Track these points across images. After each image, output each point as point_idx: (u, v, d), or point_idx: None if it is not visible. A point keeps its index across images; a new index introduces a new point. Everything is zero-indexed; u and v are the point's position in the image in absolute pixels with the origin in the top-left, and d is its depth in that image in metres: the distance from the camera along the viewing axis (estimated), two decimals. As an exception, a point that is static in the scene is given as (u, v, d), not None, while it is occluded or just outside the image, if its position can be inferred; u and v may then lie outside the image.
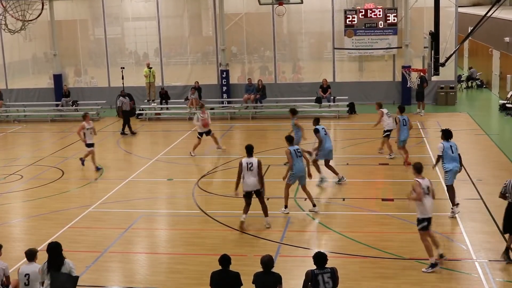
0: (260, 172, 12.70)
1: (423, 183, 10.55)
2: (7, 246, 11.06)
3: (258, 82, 26.68)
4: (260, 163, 12.71)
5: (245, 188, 12.76)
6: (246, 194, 12.83)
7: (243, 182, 12.75)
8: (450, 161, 13.00)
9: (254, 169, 12.61)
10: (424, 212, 10.56)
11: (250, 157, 12.75)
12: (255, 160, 12.70)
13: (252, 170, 12.61)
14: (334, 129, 23.01)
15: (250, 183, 12.68)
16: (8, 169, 18.86)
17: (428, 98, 26.16)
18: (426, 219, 10.58)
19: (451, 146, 13.10)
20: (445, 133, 13.33)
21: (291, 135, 14.56)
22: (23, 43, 30.71)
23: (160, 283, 10.66)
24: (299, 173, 13.53)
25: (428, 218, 10.60)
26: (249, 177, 12.64)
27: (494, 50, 29.09)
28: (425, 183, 10.58)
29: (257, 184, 12.69)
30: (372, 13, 25.85)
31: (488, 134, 20.78)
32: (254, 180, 12.64)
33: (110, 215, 14.34)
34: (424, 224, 10.59)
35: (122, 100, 23.19)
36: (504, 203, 10.95)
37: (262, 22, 28.58)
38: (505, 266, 10.70)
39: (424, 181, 10.59)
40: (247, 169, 12.62)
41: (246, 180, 12.68)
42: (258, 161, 12.73)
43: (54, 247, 8.62)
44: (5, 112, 28.29)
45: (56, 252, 8.60)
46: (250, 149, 12.86)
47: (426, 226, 10.62)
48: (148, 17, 29.70)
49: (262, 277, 8.35)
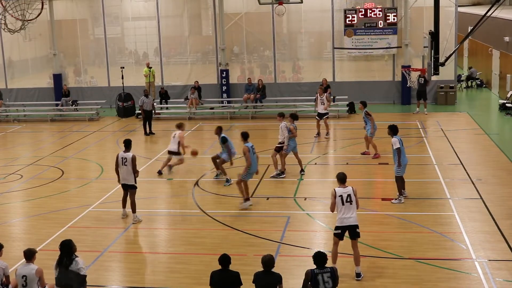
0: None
1: (340, 192, 10.36)
2: (7, 245, 11.04)
3: (258, 81, 26.69)
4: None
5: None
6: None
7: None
8: (403, 154, 13.85)
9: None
10: (338, 221, 10.38)
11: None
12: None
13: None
14: (334, 128, 23.01)
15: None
16: (8, 169, 18.86)
17: (428, 97, 26.15)
18: (339, 227, 10.38)
19: (401, 140, 13.91)
20: (393, 129, 14.11)
21: (246, 131, 14.81)
22: (23, 43, 30.73)
23: (160, 282, 10.66)
24: (253, 169, 14.28)
25: (341, 227, 10.33)
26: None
27: (494, 50, 29.10)
28: (346, 191, 10.35)
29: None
30: (372, 13, 25.87)
31: (488, 133, 20.78)
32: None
33: (110, 214, 14.34)
34: (337, 231, 10.41)
35: (144, 99, 23.17)
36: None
37: (262, 21, 28.59)
38: (505, 265, 10.70)
39: (344, 190, 10.38)
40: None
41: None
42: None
43: (65, 245, 8.77)
44: (5, 112, 28.29)
45: (66, 250, 8.73)
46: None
47: (338, 234, 10.40)
48: (148, 17, 29.71)
49: (262, 277, 8.35)
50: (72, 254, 8.75)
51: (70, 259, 8.67)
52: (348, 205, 10.30)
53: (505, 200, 14.08)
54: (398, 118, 24.10)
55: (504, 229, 12.28)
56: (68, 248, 8.75)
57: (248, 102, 26.51)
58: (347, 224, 10.31)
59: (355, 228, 10.36)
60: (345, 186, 10.48)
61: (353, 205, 10.35)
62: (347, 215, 10.30)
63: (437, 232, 12.26)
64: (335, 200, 10.35)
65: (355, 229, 10.36)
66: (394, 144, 13.84)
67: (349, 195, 10.33)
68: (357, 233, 10.40)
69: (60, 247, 8.79)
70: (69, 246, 8.77)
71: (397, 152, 13.78)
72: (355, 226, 10.35)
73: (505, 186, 15.20)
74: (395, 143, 13.81)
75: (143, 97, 23.28)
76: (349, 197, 10.32)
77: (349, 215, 10.30)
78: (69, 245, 8.78)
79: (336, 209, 10.41)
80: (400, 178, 14.06)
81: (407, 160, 14.15)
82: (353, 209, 10.35)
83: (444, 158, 17.84)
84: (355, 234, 10.38)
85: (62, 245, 8.79)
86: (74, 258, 8.72)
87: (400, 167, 13.89)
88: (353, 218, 10.33)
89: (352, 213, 10.31)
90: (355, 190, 10.44)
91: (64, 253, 8.74)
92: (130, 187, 13.64)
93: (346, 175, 10.61)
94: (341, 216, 10.33)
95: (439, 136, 20.76)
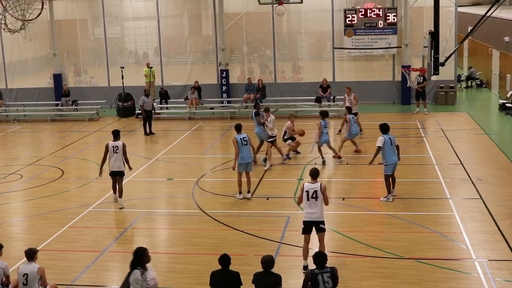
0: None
1: (308, 187, 10.57)
2: (7, 245, 11.06)
3: (258, 81, 26.69)
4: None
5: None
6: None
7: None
8: (390, 154, 13.98)
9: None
10: (304, 216, 10.66)
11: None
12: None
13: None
14: (334, 128, 23.00)
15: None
16: (8, 169, 18.86)
17: (428, 97, 26.14)
18: (304, 222, 10.65)
19: (390, 139, 14.03)
20: (382, 127, 14.28)
21: (239, 123, 15.32)
22: (23, 43, 30.72)
23: (160, 282, 10.58)
24: (243, 160, 14.60)
25: (307, 221, 10.59)
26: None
27: (494, 50, 29.10)
28: (313, 188, 10.54)
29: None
30: (371, 13, 25.87)
31: (488, 133, 20.78)
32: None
33: (109, 214, 14.35)
34: (303, 227, 10.67)
35: (144, 99, 23.18)
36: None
37: (262, 21, 28.58)
38: (505, 265, 10.70)
39: (312, 186, 10.57)
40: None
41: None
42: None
43: (136, 253, 8.13)
44: (5, 112, 28.30)
45: (135, 258, 8.09)
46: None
47: (304, 229, 10.64)
48: (148, 17, 29.70)
49: (262, 277, 8.34)
50: (136, 264, 8.04)
51: (132, 268, 8.01)
52: (313, 201, 10.51)
53: (505, 200, 14.08)
54: (398, 118, 24.12)
55: (504, 229, 12.28)
56: (137, 256, 8.08)
57: (248, 102, 26.50)
58: (312, 220, 10.55)
59: (319, 224, 10.57)
60: (314, 182, 10.66)
61: (319, 202, 10.52)
62: (312, 211, 10.54)
63: (437, 232, 12.27)
64: (302, 194, 10.61)
65: (319, 225, 10.58)
66: (377, 141, 14.18)
67: (316, 191, 10.52)
68: (321, 228, 10.60)
69: (133, 253, 8.13)
70: (138, 254, 8.09)
71: (377, 150, 14.12)
72: (319, 222, 10.56)
73: (505, 186, 15.20)
74: (378, 141, 14.12)
75: (143, 97, 23.29)
76: (315, 193, 10.52)
77: (313, 210, 10.53)
78: (139, 253, 8.10)
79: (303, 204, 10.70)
80: (388, 177, 14.16)
81: (396, 159, 14.19)
82: (318, 206, 10.53)
83: (444, 158, 17.84)
84: (320, 229, 10.62)
85: (134, 252, 8.13)
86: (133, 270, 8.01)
87: (387, 166, 14.03)
88: (317, 214, 10.54)
89: (316, 209, 10.52)
90: (323, 187, 10.61)
91: (134, 259, 8.07)
92: (119, 173, 14.47)
93: (318, 171, 10.89)
94: (306, 211, 10.62)
95: (439, 136, 20.76)
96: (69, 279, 10.80)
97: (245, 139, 14.67)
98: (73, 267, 11.35)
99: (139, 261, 8.07)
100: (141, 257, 8.09)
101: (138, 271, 7.98)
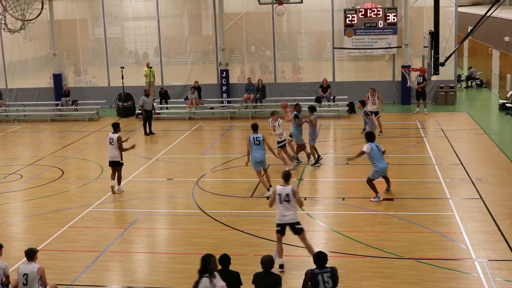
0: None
1: (280, 190, 10.64)
2: (7, 245, 11.05)
3: (258, 81, 26.69)
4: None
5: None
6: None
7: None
8: (379, 160, 14.30)
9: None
10: (277, 218, 10.73)
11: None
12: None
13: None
14: (334, 128, 23.01)
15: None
16: (8, 169, 18.86)
17: (428, 97, 26.13)
18: (278, 225, 10.71)
19: (377, 146, 14.38)
20: (368, 136, 14.65)
21: (255, 123, 15.41)
22: (23, 43, 30.72)
23: (160, 282, 10.66)
24: (255, 160, 14.77)
25: (280, 224, 10.65)
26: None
27: (494, 50, 29.10)
28: (285, 191, 10.61)
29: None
30: (371, 13, 25.86)
31: (488, 133, 20.78)
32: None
33: (109, 214, 14.35)
34: (277, 228, 10.73)
35: (144, 99, 23.18)
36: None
37: (262, 21, 28.57)
38: (505, 265, 10.70)
39: (284, 189, 10.63)
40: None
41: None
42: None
43: (203, 260, 8.02)
44: (4, 112, 28.29)
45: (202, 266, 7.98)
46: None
47: (278, 231, 10.72)
48: (148, 17, 29.70)
49: (262, 277, 8.35)
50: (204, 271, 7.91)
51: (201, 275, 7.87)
52: (286, 204, 10.59)
53: (505, 200, 14.07)
54: (398, 118, 24.12)
55: (504, 229, 12.28)
56: (205, 262, 7.97)
57: (248, 102, 26.51)
58: (285, 222, 10.65)
59: (295, 225, 10.64)
60: (286, 185, 10.74)
61: (291, 204, 10.59)
62: (285, 213, 10.63)
63: (437, 232, 12.26)
64: (274, 197, 10.71)
65: (294, 226, 10.65)
66: (364, 147, 14.42)
67: (287, 195, 10.58)
68: (298, 229, 10.66)
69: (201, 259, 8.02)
70: (207, 261, 7.97)
71: (360, 153, 14.48)
72: (294, 223, 10.63)
73: (505, 186, 15.20)
74: (364, 147, 14.36)
75: (144, 96, 23.30)
76: (287, 196, 10.58)
77: (285, 213, 10.61)
78: (207, 260, 7.98)
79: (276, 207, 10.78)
80: (372, 180, 14.35)
81: (386, 164, 14.43)
82: (291, 208, 10.60)
83: (444, 158, 17.83)
84: (296, 230, 10.67)
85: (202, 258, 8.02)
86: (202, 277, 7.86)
87: (377, 171, 14.28)
88: (289, 216, 10.60)
89: (289, 212, 10.60)
90: (295, 190, 10.67)
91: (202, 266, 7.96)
92: (117, 164, 15.47)
93: (290, 174, 11.05)
94: (279, 214, 10.70)
95: (439, 136, 20.76)
96: (69, 279, 10.80)
97: (258, 139, 14.76)
98: (73, 267, 11.34)
99: (206, 268, 7.95)
100: (207, 264, 7.96)
101: (206, 279, 7.86)
